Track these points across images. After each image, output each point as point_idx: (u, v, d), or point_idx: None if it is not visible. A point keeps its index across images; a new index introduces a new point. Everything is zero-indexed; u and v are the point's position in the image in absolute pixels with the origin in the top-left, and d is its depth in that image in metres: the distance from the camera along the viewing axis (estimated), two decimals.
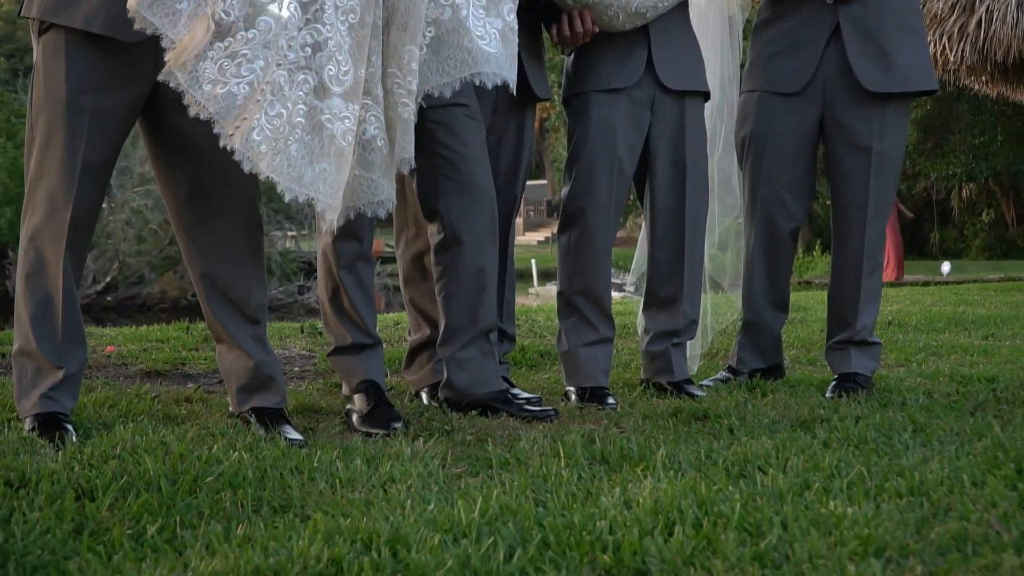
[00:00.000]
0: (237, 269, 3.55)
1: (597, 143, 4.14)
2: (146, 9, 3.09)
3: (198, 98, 3.12)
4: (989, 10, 11.25)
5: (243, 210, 3.53)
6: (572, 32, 4.05)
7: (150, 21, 3.09)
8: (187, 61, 3.12)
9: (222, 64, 3.14)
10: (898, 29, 4.24)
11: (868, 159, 4.26)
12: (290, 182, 3.27)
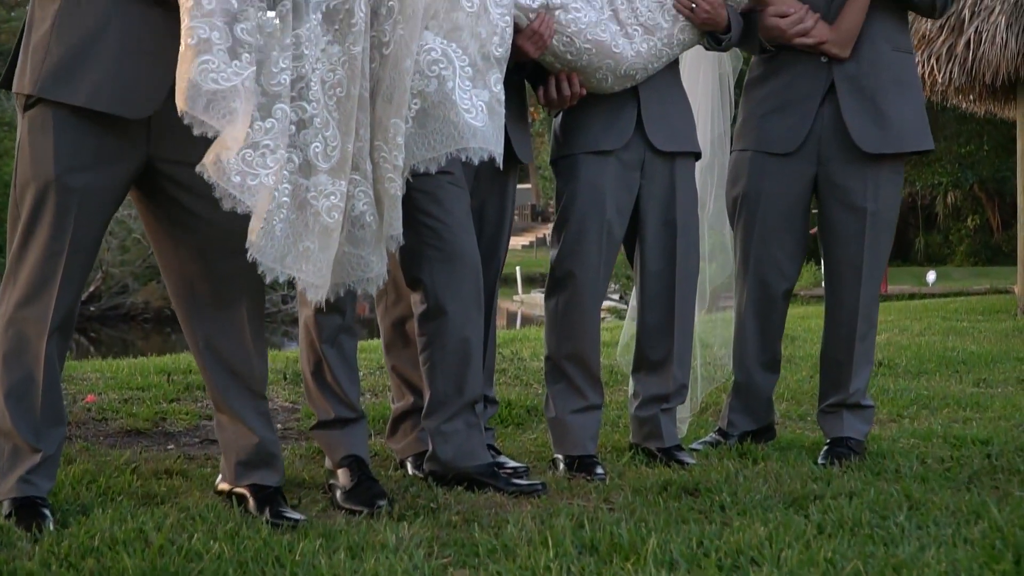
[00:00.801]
0: (240, 342, 3.46)
1: (586, 206, 4.07)
2: (201, 112, 3.02)
3: (231, 191, 3.05)
4: (978, 31, 11.21)
5: (245, 282, 3.43)
6: (560, 95, 3.97)
7: (209, 124, 3.02)
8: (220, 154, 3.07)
9: (245, 155, 3.08)
10: (894, 87, 4.17)
11: (863, 219, 4.19)
12: (272, 262, 3.20)
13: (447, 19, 3.48)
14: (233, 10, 3.12)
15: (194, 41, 3.05)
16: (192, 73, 3.03)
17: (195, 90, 3.03)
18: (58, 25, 3.22)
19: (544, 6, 3.80)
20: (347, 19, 3.34)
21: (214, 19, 3.08)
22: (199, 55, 3.04)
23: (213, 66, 3.05)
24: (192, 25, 3.06)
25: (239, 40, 3.11)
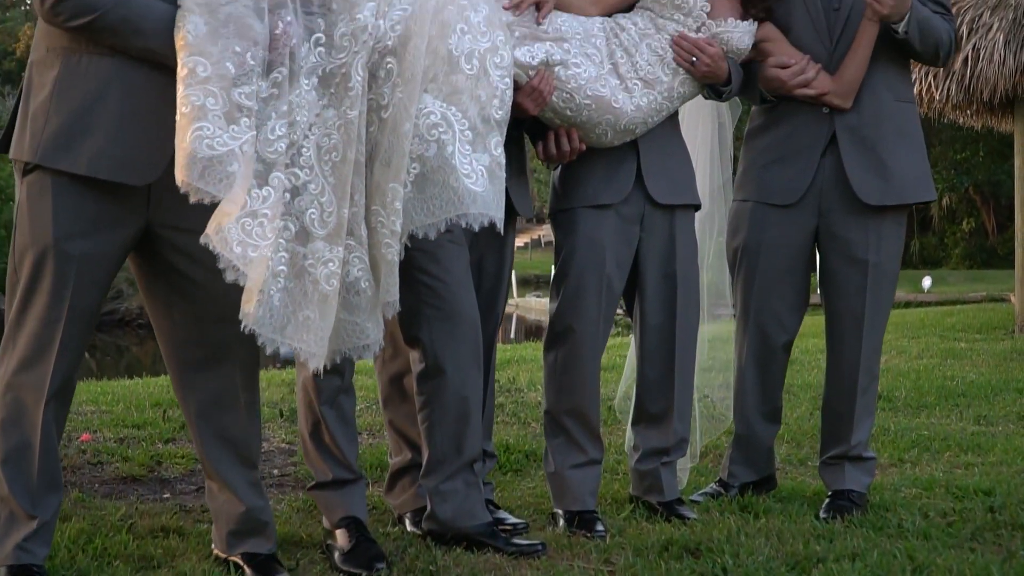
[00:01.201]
0: (233, 411, 3.43)
1: (585, 260, 4.03)
2: (197, 179, 3.01)
3: (234, 262, 3.04)
4: (976, 48, 11.18)
5: (240, 352, 3.40)
6: (559, 150, 3.94)
7: (206, 191, 3.01)
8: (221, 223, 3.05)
9: (244, 224, 3.07)
10: (896, 137, 4.14)
11: (864, 271, 4.16)
12: (272, 333, 3.19)
13: (446, 82, 3.44)
14: (230, 75, 3.10)
15: (188, 109, 3.04)
16: (187, 142, 3.02)
17: (191, 158, 3.01)
18: (58, 91, 3.20)
19: (544, 63, 3.76)
20: (343, 83, 3.31)
21: (209, 86, 3.06)
22: (194, 122, 3.03)
23: (208, 132, 3.03)
24: (187, 93, 3.05)
25: (237, 104, 3.09)
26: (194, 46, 3.08)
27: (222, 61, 3.08)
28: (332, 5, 3.35)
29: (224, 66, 3.09)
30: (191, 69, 3.06)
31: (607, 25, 3.95)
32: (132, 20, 3.13)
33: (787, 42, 4.13)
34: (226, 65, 3.09)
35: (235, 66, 3.10)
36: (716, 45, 3.96)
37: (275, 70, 3.20)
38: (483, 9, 3.57)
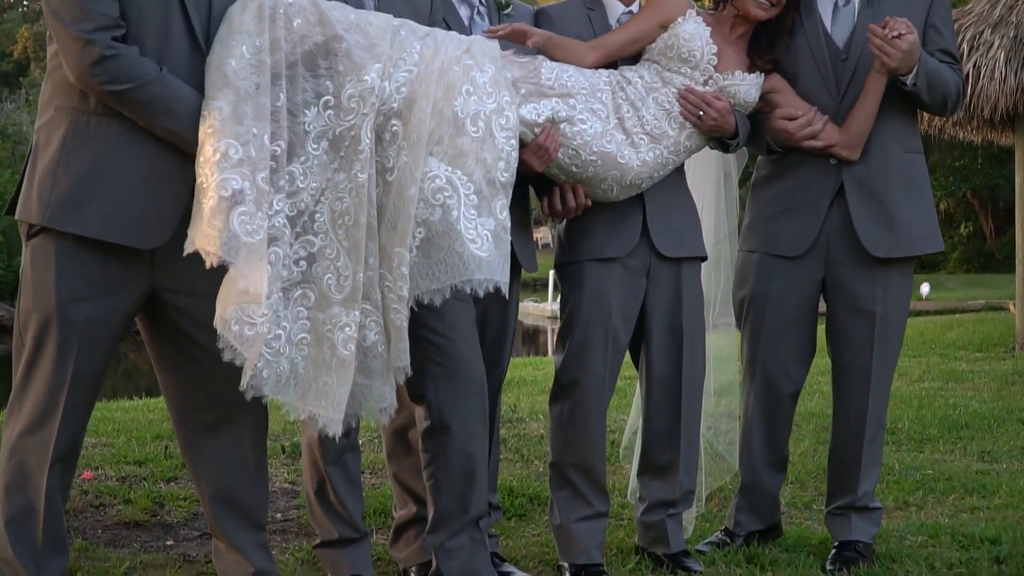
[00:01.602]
0: (240, 472, 3.43)
1: (591, 314, 4.01)
2: (243, 262, 3.09)
3: (231, 341, 3.09)
4: (977, 66, 11.14)
5: (248, 415, 3.40)
6: (564, 206, 3.92)
7: (244, 273, 3.08)
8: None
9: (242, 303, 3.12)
10: (903, 189, 4.12)
11: (872, 323, 4.14)
12: (296, 400, 3.24)
13: (452, 145, 3.41)
14: (254, 159, 3.14)
15: (228, 193, 3.08)
16: (232, 224, 3.07)
17: (236, 241, 3.07)
18: (65, 153, 3.20)
19: (550, 120, 3.74)
20: (353, 146, 3.31)
21: (244, 168, 3.12)
22: (237, 206, 3.09)
23: (247, 218, 3.09)
24: (225, 177, 3.09)
25: (261, 190, 3.14)
26: (223, 130, 3.12)
27: (248, 144, 3.14)
28: (339, 67, 3.35)
29: (249, 150, 3.14)
30: (224, 152, 3.11)
31: (613, 78, 3.92)
32: (166, 99, 3.16)
33: (794, 93, 4.10)
34: (251, 149, 3.14)
35: (256, 149, 3.15)
36: (723, 98, 3.94)
37: (274, 143, 3.21)
38: (489, 69, 3.55)
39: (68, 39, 3.14)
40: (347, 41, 3.36)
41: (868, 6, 4.12)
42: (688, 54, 3.92)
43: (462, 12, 4.00)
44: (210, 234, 3.07)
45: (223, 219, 3.07)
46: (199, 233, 3.10)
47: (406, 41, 3.47)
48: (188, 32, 3.26)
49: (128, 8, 3.19)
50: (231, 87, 3.18)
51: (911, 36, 3.90)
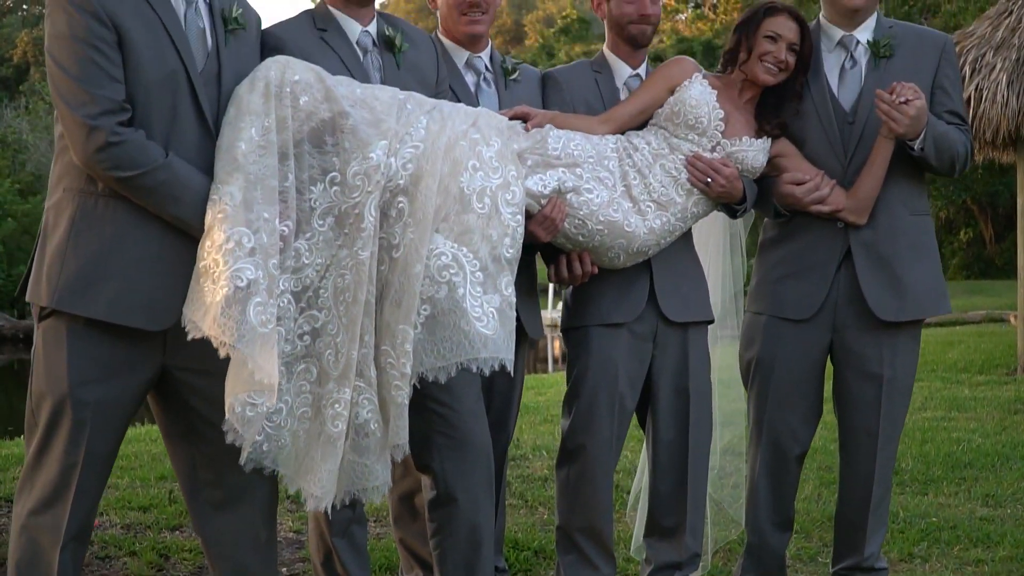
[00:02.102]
0: (253, 551, 3.42)
1: (598, 379, 4.01)
2: (258, 352, 3.08)
3: (234, 423, 3.11)
4: (979, 88, 11.11)
5: (259, 491, 3.39)
6: (571, 273, 3.91)
7: (259, 364, 3.09)
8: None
9: None
10: (911, 252, 4.10)
11: (879, 386, 4.12)
12: (295, 473, 3.27)
13: (458, 221, 3.41)
14: (265, 245, 3.15)
15: (244, 283, 3.09)
16: (250, 315, 3.07)
17: (252, 332, 3.07)
18: (74, 235, 3.19)
19: (556, 191, 3.73)
20: (356, 223, 3.31)
21: (256, 257, 3.12)
22: (253, 296, 3.09)
23: (262, 308, 3.10)
24: (239, 267, 3.09)
25: (274, 277, 3.16)
26: (234, 217, 3.12)
27: (260, 231, 3.15)
28: (345, 144, 3.34)
29: (261, 237, 3.14)
30: (237, 241, 3.11)
31: (620, 145, 3.91)
32: (171, 185, 3.16)
33: (801, 157, 4.08)
34: (262, 236, 3.14)
35: (267, 235, 3.15)
36: (731, 165, 3.92)
37: (282, 223, 3.21)
38: (495, 143, 3.55)
39: (73, 124, 3.14)
40: (353, 117, 3.35)
41: (875, 68, 4.10)
42: (695, 120, 3.91)
43: (468, 79, 4.00)
44: (225, 324, 3.06)
45: (240, 309, 3.06)
46: (210, 321, 3.09)
47: (412, 115, 3.46)
48: (197, 111, 3.26)
49: (135, 90, 3.18)
50: (241, 171, 3.17)
51: (919, 102, 3.88)
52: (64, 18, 3.16)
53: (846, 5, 4.11)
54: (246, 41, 3.44)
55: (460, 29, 3.99)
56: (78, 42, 3.14)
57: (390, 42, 3.74)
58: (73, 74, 3.13)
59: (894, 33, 4.15)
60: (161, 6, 3.26)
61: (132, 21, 3.19)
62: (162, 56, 3.22)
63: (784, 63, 3.98)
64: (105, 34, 3.15)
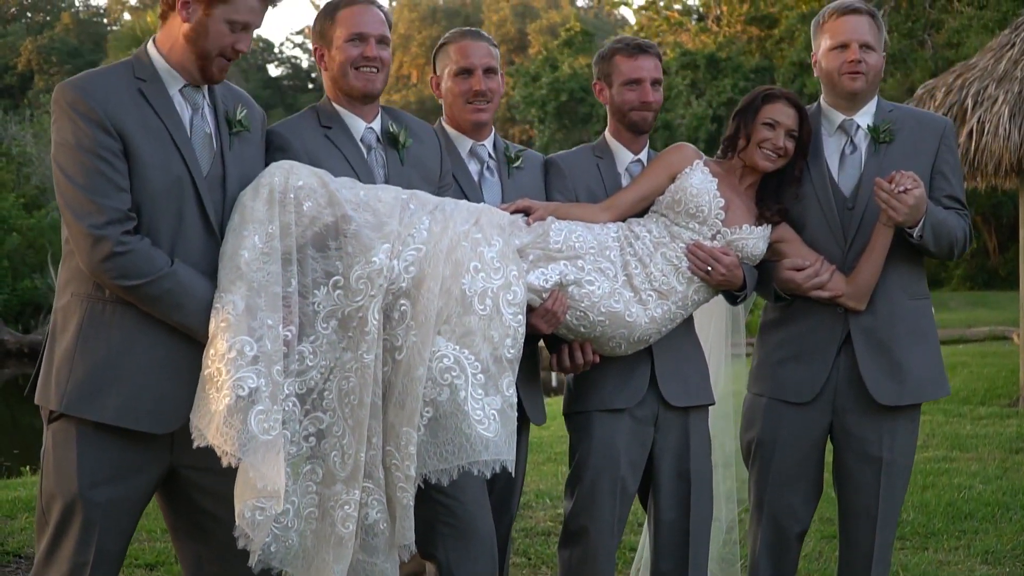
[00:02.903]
0: None
1: (600, 464, 4.05)
2: (260, 461, 3.15)
3: (245, 529, 3.16)
4: (981, 121, 11.12)
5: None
6: (573, 363, 3.94)
7: (261, 471, 3.16)
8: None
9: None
10: (910, 337, 4.13)
11: (878, 469, 4.15)
12: (304, 573, 3.31)
13: (459, 323, 3.45)
14: (269, 352, 3.20)
15: (246, 392, 3.15)
16: (251, 424, 3.14)
17: (253, 441, 3.14)
18: (82, 340, 3.25)
19: (558, 284, 3.76)
20: (360, 327, 3.35)
21: (259, 366, 3.18)
22: (254, 405, 3.15)
23: (264, 416, 3.16)
24: (240, 376, 3.15)
25: (278, 384, 3.20)
26: (236, 326, 3.18)
27: (263, 339, 3.20)
28: (348, 248, 3.39)
29: (264, 344, 3.19)
30: (240, 350, 3.16)
31: (622, 233, 3.95)
32: (176, 294, 3.22)
33: (802, 242, 4.12)
34: (265, 343, 3.19)
35: (271, 341, 3.21)
36: (732, 253, 3.96)
37: (286, 328, 3.26)
38: (497, 242, 3.59)
39: (79, 234, 3.19)
40: (356, 222, 3.40)
41: (875, 154, 4.14)
42: (696, 209, 3.95)
43: (472, 167, 4.04)
44: (228, 433, 3.12)
45: (241, 419, 3.12)
46: (214, 430, 3.15)
47: (415, 216, 3.50)
48: (202, 216, 3.31)
49: (141, 197, 3.23)
50: (244, 280, 3.22)
51: (917, 191, 3.92)
52: (70, 127, 3.22)
53: (846, 90, 4.14)
54: (250, 143, 3.49)
55: (466, 118, 4.03)
56: (84, 152, 3.19)
57: (394, 138, 3.78)
58: (79, 183, 3.19)
59: (894, 117, 4.19)
60: (166, 113, 3.31)
61: (137, 129, 3.24)
62: (167, 163, 3.27)
63: (783, 149, 4.02)
64: (111, 144, 3.20)
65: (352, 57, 3.73)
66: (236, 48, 3.35)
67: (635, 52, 4.18)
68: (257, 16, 3.39)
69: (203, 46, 3.34)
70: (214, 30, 3.33)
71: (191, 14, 3.33)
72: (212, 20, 3.33)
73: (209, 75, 3.38)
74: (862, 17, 4.15)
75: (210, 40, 3.33)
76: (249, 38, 3.40)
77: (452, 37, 4.13)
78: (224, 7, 3.33)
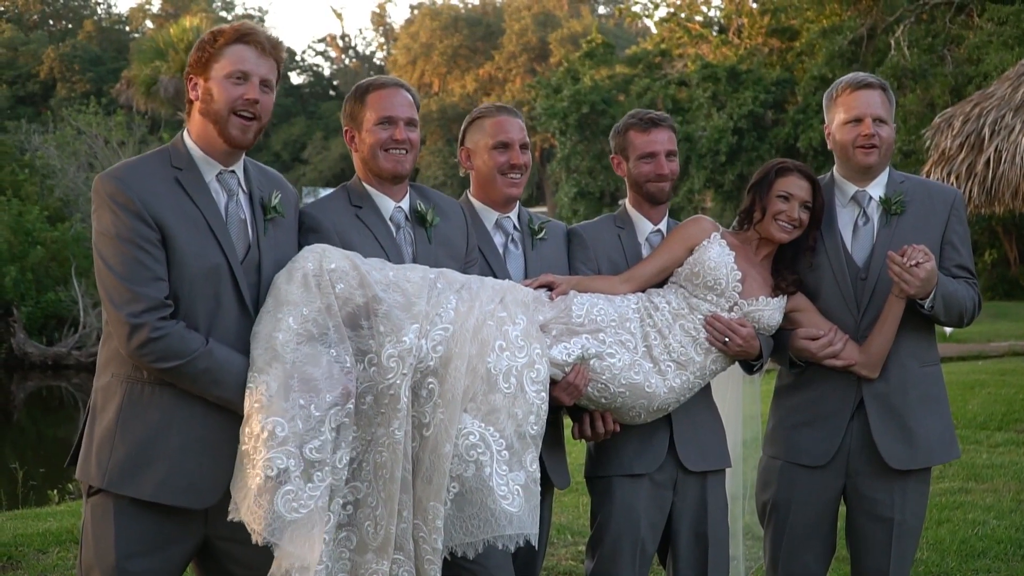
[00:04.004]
0: None
1: (620, 527, 4.17)
2: (287, 542, 3.29)
3: None
4: (998, 150, 11.21)
5: None
6: (594, 431, 4.08)
7: (293, 553, 3.28)
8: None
9: None
10: (921, 403, 4.26)
11: (889, 529, 4.28)
12: None
13: (485, 401, 3.58)
14: (301, 432, 3.32)
15: (274, 473, 3.29)
16: (277, 505, 3.27)
17: (279, 521, 3.27)
18: (122, 420, 3.40)
19: (580, 358, 3.88)
20: (392, 404, 3.48)
21: (288, 446, 3.30)
22: (281, 486, 3.29)
23: (292, 496, 3.29)
24: (271, 456, 3.29)
25: (310, 461, 3.33)
26: (269, 407, 3.32)
27: (295, 419, 3.33)
28: (380, 327, 3.51)
29: (296, 424, 3.32)
30: (271, 431, 3.30)
31: (641, 305, 4.07)
32: (213, 371, 3.36)
33: (816, 312, 4.25)
34: (297, 423, 3.32)
35: (303, 421, 3.34)
36: (748, 325, 4.09)
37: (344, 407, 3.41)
38: (521, 321, 3.72)
39: (117, 322, 3.34)
40: (386, 303, 3.53)
41: (886, 225, 4.26)
42: (714, 282, 4.07)
43: (497, 240, 4.17)
44: (256, 512, 3.26)
45: (269, 499, 3.26)
46: (246, 507, 3.29)
47: (442, 295, 3.64)
48: (238, 300, 3.45)
49: (179, 284, 3.37)
50: (279, 360, 3.36)
51: (929, 264, 4.04)
52: (110, 217, 3.36)
53: (860, 163, 4.26)
54: (284, 227, 3.63)
55: (501, 191, 4.16)
56: (123, 242, 3.33)
57: (421, 217, 3.91)
58: (118, 273, 3.33)
59: (905, 189, 4.31)
60: (203, 201, 3.45)
61: (175, 218, 3.38)
62: (205, 251, 3.41)
63: (798, 221, 4.15)
64: (149, 234, 3.34)
65: (382, 140, 3.86)
66: (245, 99, 3.47)
67: (648, 126, 4.31)
68: (251, 64, 3.49)
69: (215, 109, 3.48)
70: (217, 90, 3.47)
71: (197, 88, 3.50)
72: (212, 82, 3.48)
73: (231, 138, 3.49)
74: (875, 91, 4.28)
75: (217, 101, 3.47)
76: (254, 86, 3.49)
77: (487, 112, 4.25)
78: (217, 65, 3.47)
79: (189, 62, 3.53)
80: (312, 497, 3.31)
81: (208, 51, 3.48)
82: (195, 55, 3.51)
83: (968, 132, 11.46)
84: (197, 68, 3.50)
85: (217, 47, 3.47)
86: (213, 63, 3.47)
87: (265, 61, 3.51)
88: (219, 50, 3.47)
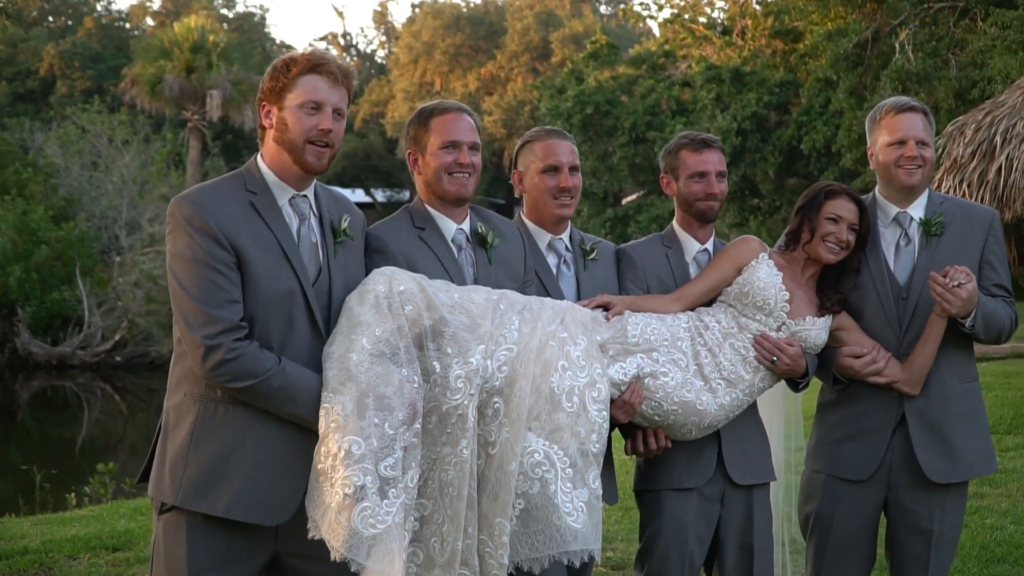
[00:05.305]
0: None
1: (669, 540, 4.29)
2: (365, 558, 3.37)
3: None
4: (1009, 158, 11.32)
5: None
6: (646, 448, 4.19)
7: (371, 568, 3.38)
8: None
9: None
10: (961, 419, 4.38)
11: (928, 541, 4.40)
12: None
13: (549, 420, 3.69)
14: (375, 450, 3.42)
15: (351, 491, 3.38)
16: (354, 522, 3.36)
17: (357, 538, 3.36)
18: (195, 439, 3.50)
19: (635, 377, 4.00)
20: (460, 423, 3.58)
21: (365, 464, 3.40)
22: (358, 503, 3.38)
23: (370, 512, 3.38)
24: (347, 474, 3.38)
25: (385, 478, 3.43)
26: (345, 426, 3.42)
27: (370, 437, 3.43)
28: (447, 349, 3.62)
29: (371, 442, 3.42)
30: (347, 450, 3.40)
31: (692, 324, 4.19)
32: (287, 388, 3.46)
33: (860, 330, 4.37)
34: (372, 441, 3.42)
35: (378, 439, 3.44)
36: (796, 344, 4.20)
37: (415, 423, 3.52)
38: (582, 341, 3.83)
39: (192, 344, 3.43)
40: (452, 325, 3.63)
41: (927, 246, 4.39)
42: (763, 302, 4.19)
43: (550, 260, 4.28)
44: (336, 530, 3.36)
45: (347, 516, 3.36)
46: (327, 524, 3.38)
47: (506, 316, 3.75)
48: (311, 323, 3.55)
49: (254, 307, 3.47)
50: (354, 381, 3.46)
51: (970, 285, 4.17)
52: (186, 239, 3.45)
53: (903, 184, 4.39)
54: (353, 250, 3.73)
55: (552, 212, 4.28)
56: (199, 264, 3.43)
57: (482, 239, 4.02)
58: (194, 295, 3.43)
59: (944, 210, 4.44)
60: (276, 225, 3.55)
61: (250, 242, 3.48)
62: (279, 274, 3.51)
63: (845, 242, 4.27)
64: (225, 257, 3.44)
65: (446, 164, 3.97)
66: (319, 128, 3.57)
67: (700, 147, 4.43)
68: (324, 94, 3.58)
69: (290, 139, 3.57)
70: (291, 120, 3.56)
71: (271, 116, 3.59)
72: (287, 112, 3.57)
73: (307, 165, 3.59)
74: (917, 115, 4.40)
75: (292, 130, 3.56)
76: (328, 116, 3.58)
77: (537, 136, 4.36)
78: (291, 95, 3.57)
79: (262, 89, 3.63)
80: (388, 513, 3.40)
81: (282, 80, 3.57)
82: (268, 83, 3.60)
83: (980, 140, 11.57)
84: (271, 96, 3.59)
85: (291, 76, 3.57)
86: (287, 92, 3.57)
87: (337, 90, 3.60)
88: (293, 79, 3.57)
